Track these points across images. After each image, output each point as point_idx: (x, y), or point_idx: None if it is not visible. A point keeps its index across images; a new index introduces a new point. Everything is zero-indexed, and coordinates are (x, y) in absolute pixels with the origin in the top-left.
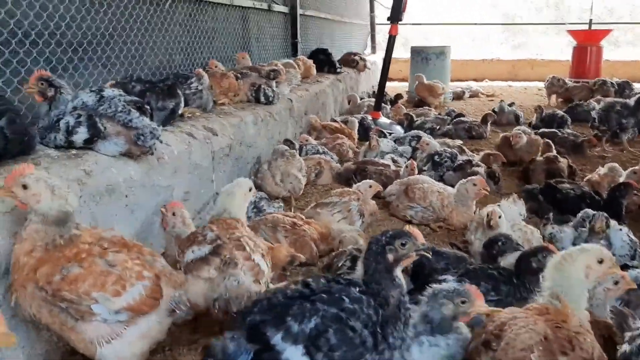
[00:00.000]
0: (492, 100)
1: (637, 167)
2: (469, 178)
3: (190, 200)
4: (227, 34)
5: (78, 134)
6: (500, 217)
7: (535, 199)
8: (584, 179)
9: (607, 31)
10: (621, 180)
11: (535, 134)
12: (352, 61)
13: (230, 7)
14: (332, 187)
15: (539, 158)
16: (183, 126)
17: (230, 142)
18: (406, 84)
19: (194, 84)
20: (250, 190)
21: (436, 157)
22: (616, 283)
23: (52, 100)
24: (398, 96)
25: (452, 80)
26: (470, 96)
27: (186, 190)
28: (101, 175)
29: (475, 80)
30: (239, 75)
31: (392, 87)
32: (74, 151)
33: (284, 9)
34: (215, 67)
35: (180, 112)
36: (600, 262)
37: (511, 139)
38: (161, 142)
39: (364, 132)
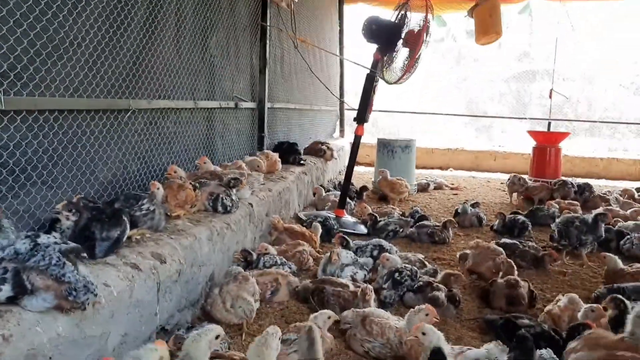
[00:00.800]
0: (456, 194)
1: (594, 305)
2: (418, 307)
3: (128, 342)
4: (190, 135)
5: (2, 291)
6: None
7: (495, 331)
8: (545, 310)
9: (566, 134)
10: (579, 315)
11: (497, 244)
12: (319, 150)
13: (194, 110)
14: (289, 305)
15: (500, 280)
16: (128, 255)
17: (180, 267)
18: (372, 169)
19: (145, 205)
20: (217, 337)
21: (397, 274)
22: None
23: None
24: (363, 188)
25: (419, 168)
26: (435, 188)
27: (123, 332)
28: (22, 339)
29: (441, 168)
30: (197, 185)
31: (358, 174)
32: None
33: (251, 104)
34: (175, 172)
35: (124, 239)
36: None
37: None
38: (95, 295)
39: (327, 234)
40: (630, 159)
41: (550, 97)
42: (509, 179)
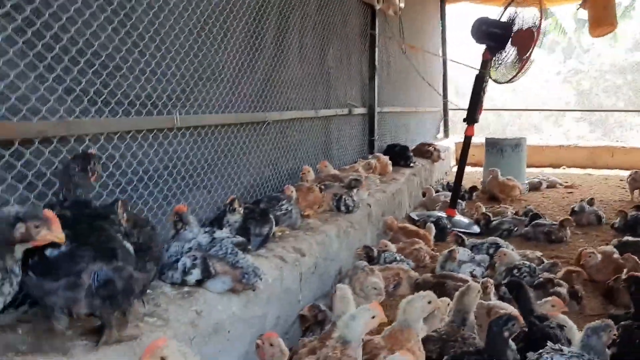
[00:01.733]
0: (571, 192)
1: None
2: (546, 299)
3: (280, 324)
4: (311, 142)
5: (192, 274)
6: None
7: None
8: None
9: None
10: None
11: (619, 241)
12: (426, 152)
13: (315, 118)
14: None
15: (624, 277)
16: (275, 248)
17: (316, 260)
18: (479, 169)
19: (284, 206)
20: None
21: (515, 271)
22: None
23: (177, 232)
24: (473, 188)
25: (528, 167)
26: (548, 187)
27: (277, 315)
28: (209, 315)
29: (552, 166)
30: (322, 187)
31: (465, 174)
32: (186, 288)
33: (362, 110)
34: (308, 172)
35: (272, 235)
36: None
37: (582, 258)
38: (261, 279)
39: (440, 233)
40: None
41: None
42: (629, 176)
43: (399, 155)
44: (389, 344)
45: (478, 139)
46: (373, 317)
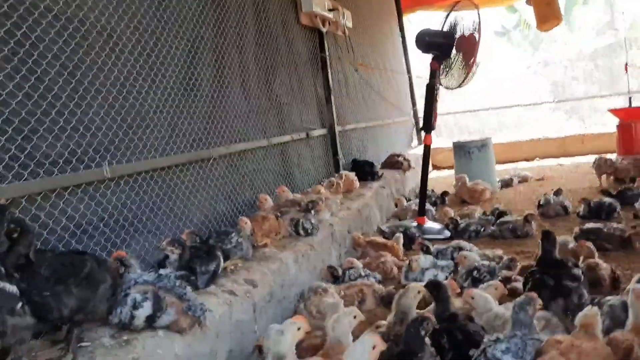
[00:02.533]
0: (542, 185)
1: None
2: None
3: (233, 357)
4: (268, 170)
5: (143, 308)
6: None
7: None
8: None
9: None
10: None
11: (581, 229)
12: (396, 163)
13: (269, 146)
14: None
15: (580, 265)
16: (225, 283)
17: (271, 289)
18: (452, 172)
19: (234, 238)
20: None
21: (475, 272)
22: None
23: (121, 277)
24: (444, 193)
25: (503, 163)
26: (520, 182)
27: (229, 349)
28: None
29: (527, 159)
30: (278, 214)
31: (440, 179)
32: (125, 336)
33: (322, 131)
34: (265, 200)
35: (220, 270)
36: None
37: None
38: (206, 312)
39: (409, 242)
40: None
41: (625, 71)
42: (594, 162)
43: (363, 171)
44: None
45: (448, 143)
46: (299, 329)
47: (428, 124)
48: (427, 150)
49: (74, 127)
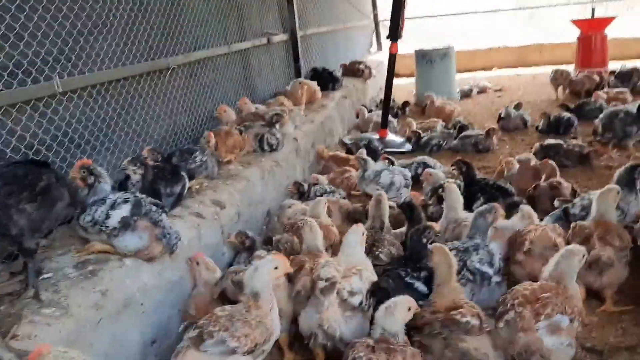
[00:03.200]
0: (500, 96)
1: None
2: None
3: None
4: (228, 80)
5: (120, 209)
6: None
7: None
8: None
9: (610, 19)
10: None
11: (541, 145)
12: (357, 70)
13: (229, 54)
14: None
15: (543, 183)
16: (191, 205)
17: (239, 209)
18: (411, 80)
19: (198, 157)
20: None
21: (440, 190)
22: None
23: (91, 187)
24: (405, 104)
25: (461, 71)
26: (479, 92)
27: None
28: (117, 292)
29: (484, 69)
30: (242, 128)
31: (400, 87)
32: (90, 267)
33: (283, 36)
34: (225, 111)
35: (185, 192)
36: None
37: (503, 166)
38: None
39: (372, 155)
40: None
41: None
42: (551, 75)
43: (325, 81)
44: None
45: (409, 50)
46: (276, 268)
47: (395, 32)
48: (392, 59)
49: (18, 35)
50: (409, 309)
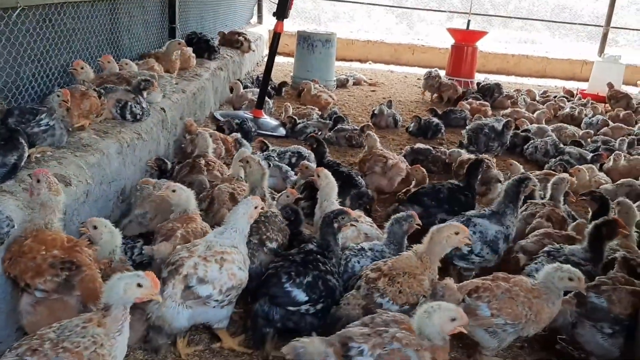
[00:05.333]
0: (374, 91)
1: None
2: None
3: None
4: (91, 31)
5: None
6: None
7: None
8: None
9: (483, 33)
10: None
11: (412, 148)
12: (236, 42)
13: (95, 2)
14: None
15: (413, 189)
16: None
17: (88, 187)
18: (291, 60)
19: (43, 121)
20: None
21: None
22: None
23: None
24: (282, 84)
25: (338, 60)
26: (354, 84)
27: None
28: None
29: (360, 61)
30: (102, 91)
31: (277, 65)
32: None
33: None
34: (82, 68)
35: (23, 163)
36: None
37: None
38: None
39: (245, 136)
40: (538, 56)
41: None
42: (425, 76)
43: (201, 48)
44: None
45: (292, 28)
46: (139, 285)
47: (283, 10)
48: (276, 38)
49: None
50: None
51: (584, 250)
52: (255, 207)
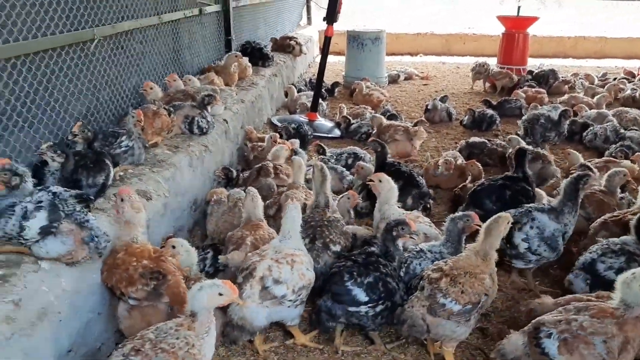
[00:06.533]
0: (427, 84)
1: None
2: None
3: None
4: (157, 52)
5: (35, 218)
6: None
7: None
8: None
9: (535, 18)
10: None
11: (467, 143)
12: (287, 46)
13: (159, 25)
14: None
15: (469, 185)
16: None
17: (166, 200)
18: (341, 59)
19: (124, 142)
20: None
21: (369, 185)
22: None
23: (16, 189)
24: (335, 84)
25: (388, 55)
26: (405, 79)
27: None
28: (32, 301)
29: (410, 54)
30: (171, 109)
31: (328, 65)
32: (0, 271)
33: (216, 7)
34: (151, 89)
35: (110, 182)
36: None
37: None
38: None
39: (302, 140)
40: (596, 36)
41: None
42: (472, 67)
43: (255, 56)
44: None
45: (341, 27)
46: (220, 295)
47: (332, 14)
48: (327, 42)
49: None
50: None
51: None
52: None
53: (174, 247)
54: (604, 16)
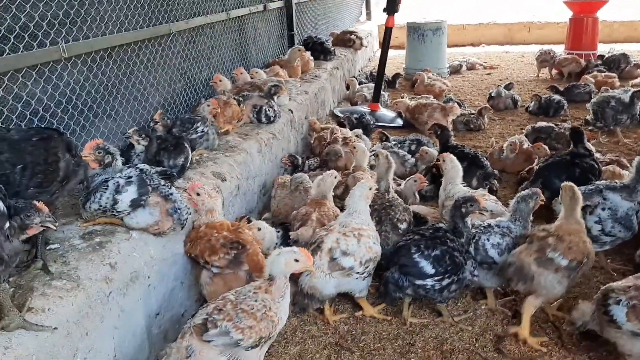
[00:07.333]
0: (490, 73)
1: None
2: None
3: None
4: (225, 46)
5: (127, 192)
6: None
7: None
8: None
9: (604, 2)
10: None
11: (533, 127)
12: (348, 40)
13: (227, 20)
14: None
15: (536, 167)
16: (193, 177)
17: (238, 182)
18: (401, 52)
19: (199, 128)
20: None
21: (434, 169)
22: None
23: (108, 166)
24: (396, 76)
25: (450, 46)
26: (468, 69)
27: None
28: (125, 266)
29: (473, 44)
30: (240, 99)
31: (389, 59)
32: (97, 239)
33: (279, 4)
34: (220, 81)
35: (188, 164)
36: None
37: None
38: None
39: (364, 130)
40: None
41: None
42: (537, 55)
43: (317, 50)
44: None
45: (400, 20)
46: (296, 260)
47: (393, 4)
48: (388, 33)
49: None
50: None
51: None
52: (370, 189)
53: (259, 229)
54: None
